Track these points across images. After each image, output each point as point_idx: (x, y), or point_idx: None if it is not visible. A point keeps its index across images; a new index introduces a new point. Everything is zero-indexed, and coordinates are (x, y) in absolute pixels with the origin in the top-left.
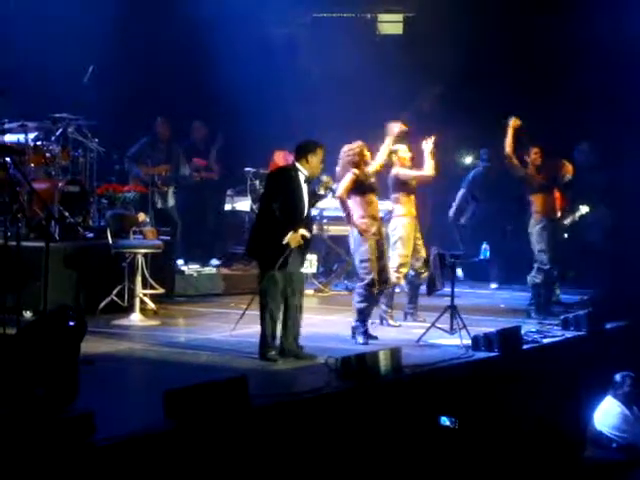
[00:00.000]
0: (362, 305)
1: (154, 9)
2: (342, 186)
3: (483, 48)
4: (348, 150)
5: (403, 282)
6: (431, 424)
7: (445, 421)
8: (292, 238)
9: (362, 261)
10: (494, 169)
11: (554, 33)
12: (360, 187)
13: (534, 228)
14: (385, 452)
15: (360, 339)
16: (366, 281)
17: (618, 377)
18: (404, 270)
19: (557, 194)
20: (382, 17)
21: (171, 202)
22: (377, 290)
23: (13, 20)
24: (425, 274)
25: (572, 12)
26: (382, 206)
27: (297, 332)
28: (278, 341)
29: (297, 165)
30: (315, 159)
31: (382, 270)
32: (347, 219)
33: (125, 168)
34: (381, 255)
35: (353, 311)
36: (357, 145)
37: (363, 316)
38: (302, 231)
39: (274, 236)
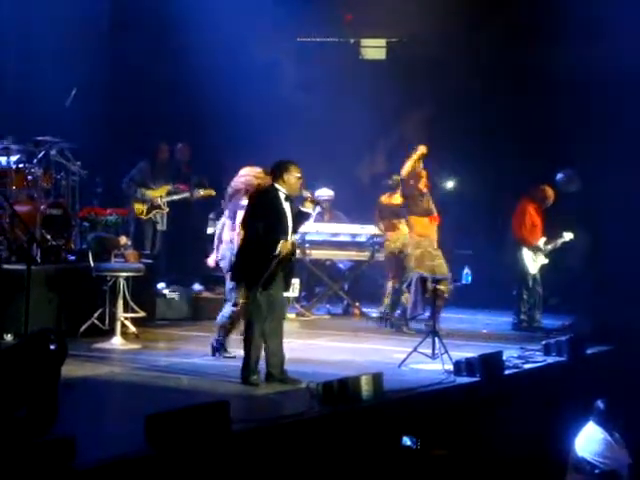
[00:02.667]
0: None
1: (137, 35)
2: None
3: (466, 74)
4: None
5: None
6: (413, 449)
7: (406, 441)
8: (283, 245)
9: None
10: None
11: (539, 59)
12: None
13: (414, 251)
14: (367, 477)
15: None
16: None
17: (600, 403)
18: None
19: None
20: (365, 42)
21: (166, 225)
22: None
23: None
24: None
25: (559, 42)
26: (364, 230)
27: (282, 356)
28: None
29: (276, 185)
30: (291, 177)
31: None
32: None
33: (124, 192)
34: None
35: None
36: (257, 172)
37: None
38: (292, 239)
39: (258, 256)
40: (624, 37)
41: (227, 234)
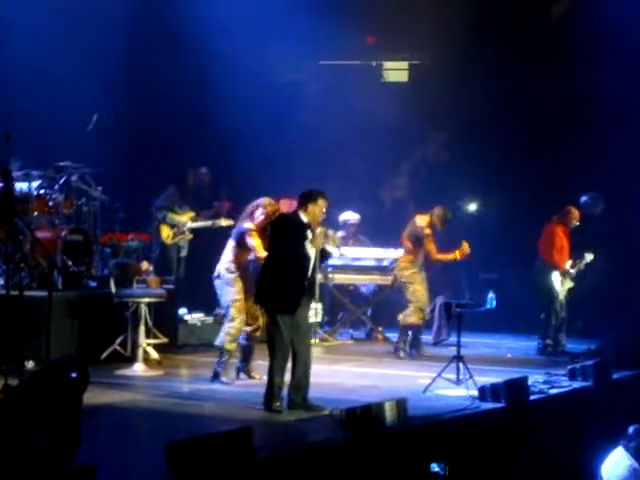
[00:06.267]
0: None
1: (158, 57)
2: None
3: (488, 96)
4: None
5: None
6: (437, 476)
7: (434, 467)
8: (318, 235)
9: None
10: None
11: (563, 81)
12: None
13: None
14: None
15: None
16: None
17: (631, 430)
18: None
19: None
20: (387, 65)
21: (187, 251)
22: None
23: (18, 69)
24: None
25: (584, 61)
26: (388, 254)
27: (307, 384)
28: (285, 392)
29: (298, 212)
30: (316, 208)
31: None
32: None
33: (154, 216)
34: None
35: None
36: (270, 203)
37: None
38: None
39: (281, 279)
40: None
41: (227, 253)
